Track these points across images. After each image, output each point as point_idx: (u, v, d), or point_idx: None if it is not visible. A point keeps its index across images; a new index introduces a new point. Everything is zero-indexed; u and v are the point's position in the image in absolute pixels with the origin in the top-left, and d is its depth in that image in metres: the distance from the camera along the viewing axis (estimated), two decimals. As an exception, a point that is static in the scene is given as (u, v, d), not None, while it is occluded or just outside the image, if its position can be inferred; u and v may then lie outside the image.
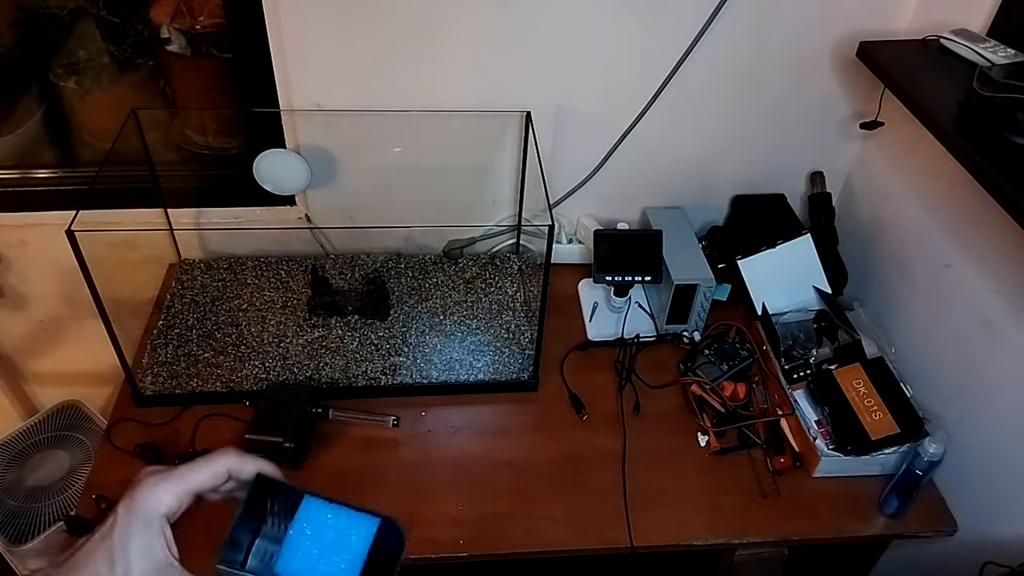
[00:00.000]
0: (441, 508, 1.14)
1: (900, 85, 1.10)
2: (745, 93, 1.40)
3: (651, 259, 1.35)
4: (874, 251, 1.45)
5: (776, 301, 1.35)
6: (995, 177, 0.93)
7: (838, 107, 1.43)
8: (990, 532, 1.15)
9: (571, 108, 1.38)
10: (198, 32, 1.34)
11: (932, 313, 1.29)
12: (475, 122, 1.39)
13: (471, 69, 1.32)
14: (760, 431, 1.26)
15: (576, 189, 1.51)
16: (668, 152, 1.47)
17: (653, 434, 1.27)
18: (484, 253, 1.58)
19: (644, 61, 1.33)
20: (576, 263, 1.58)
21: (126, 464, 1.16)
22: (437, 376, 1.32)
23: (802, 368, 1.27)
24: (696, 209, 1.53)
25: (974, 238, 1.19)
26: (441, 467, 1.20)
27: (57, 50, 1.42)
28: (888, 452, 1.19)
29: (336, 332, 1.38)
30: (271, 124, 1.37)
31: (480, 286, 1.50)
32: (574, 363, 1.38)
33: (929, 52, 1.17)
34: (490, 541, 1.11)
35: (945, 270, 1.25)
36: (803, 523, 1.16)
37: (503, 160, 1.46)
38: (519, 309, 1.46)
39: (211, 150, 1.51)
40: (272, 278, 1.48)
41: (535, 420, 1.28)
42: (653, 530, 1.14)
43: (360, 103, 1.34)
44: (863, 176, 1.49)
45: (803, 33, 1.32)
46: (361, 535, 0.53)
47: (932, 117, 1.03)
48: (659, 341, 1.42)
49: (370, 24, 1.25)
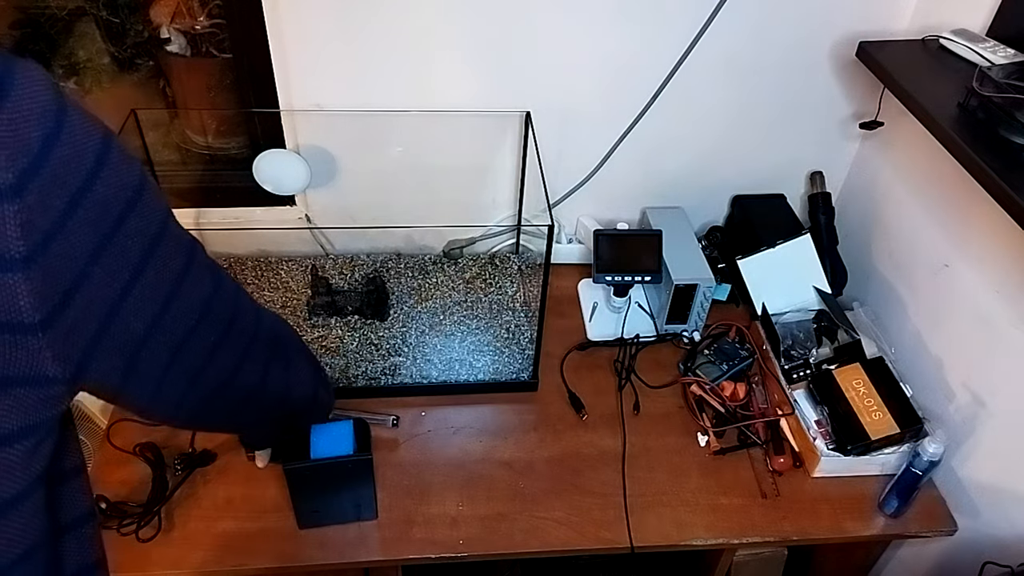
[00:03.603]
0: (441, 508, 1.14)
1: (900, 85, 1.10)
2: (745, 93, 1.40)
3: (651, 259, 1.35)
4: (874, 251, 1.45)
5: (776, 301, 1.35)
6: (994, 177, 0.93)
7: (838, 107, 1.44)
8: (990, 532, 1.15)
9: (571, 108, 1.38)
10: (198, 32, 1.34)
11: (932, 313, 1.29)
12: (475, 122, 1.39)
13: (471, 69, 1.32)
14: (760, 431, 1.26)
15: (576, 189, 1.51)
16: (668, 152, 1.47)
17: (653, 434, 1.27)
18: (484, 253, 1.58)
19: (644, 61, 1.33)
20: (576, 263, 1.58)
21: (126, 464, 1.16)
22: (437, 376, 1.32)
23: (802, 368, 1.27)
24: (696, 209, 1.54)
25: (973, 238, 1.19)
26: (441, 467, 1.20)
27: (57, 50, 1.42)
28: (888, 452, 1.19)
29: (336, 332, 1.38)
30: (271, 124, 1.37)
31: (480, 286, 1.50)
32: (574, 363, 1.38)
33: (929, 52, 1.17)
34: (490, 541, 1.11)
35: (944, 270, 1.25)
36: (803, 523, 1.16)
37: (503, 160, 1.46)
38: (519, 309, 1.46)
39: (211, 150, 1.51)
40: (272, 278, 1.48)
41: (535, 420, 1.28)
42: (653, 530, 1.14)
43: (360, 103, 1.34)
44: (863, 176, 1.49)
45: (803, 33, 1.32)
46: (347, 426, 1.02)
47: (932, 117, 1.03)
48: (659, 341, 1.42)
49: (370, 24, 1.25)
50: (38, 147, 0.43)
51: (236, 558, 1.07)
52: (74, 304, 0.47)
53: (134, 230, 0.51)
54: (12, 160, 0.42)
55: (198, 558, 1.07)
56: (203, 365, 0.62)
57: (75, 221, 0.46)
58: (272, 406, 0.77)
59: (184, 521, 1.11)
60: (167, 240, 0.54)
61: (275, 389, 0.74)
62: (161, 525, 1.09)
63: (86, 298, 0.48)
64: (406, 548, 1.10)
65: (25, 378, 0.46)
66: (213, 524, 1.11)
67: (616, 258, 1.35)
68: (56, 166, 0.44)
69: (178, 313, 0.57)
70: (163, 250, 0.54)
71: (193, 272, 0.58)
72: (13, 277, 0.43)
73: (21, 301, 0.44)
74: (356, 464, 1.02)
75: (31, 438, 0.48)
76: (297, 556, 1.08)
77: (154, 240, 0.53)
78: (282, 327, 0.77)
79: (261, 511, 1.12)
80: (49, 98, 0.44)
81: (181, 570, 1.06)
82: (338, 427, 1.02)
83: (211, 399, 0.66)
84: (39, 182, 0.43)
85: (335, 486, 1.05)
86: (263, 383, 0.71)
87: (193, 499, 1.13)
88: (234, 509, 1.12)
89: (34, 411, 0.47)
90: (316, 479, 1.02)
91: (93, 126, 0.47)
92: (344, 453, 1.00)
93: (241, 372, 0.67)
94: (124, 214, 0.49)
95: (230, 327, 0.64)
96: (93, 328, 0.50)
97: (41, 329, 0.45)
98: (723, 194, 1.57)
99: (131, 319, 0.52)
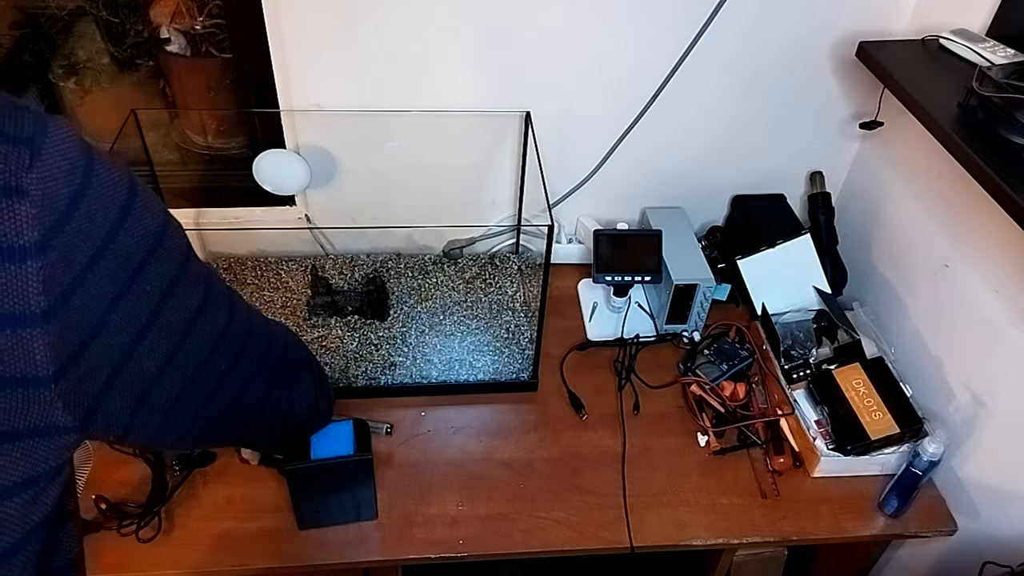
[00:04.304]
0: (441, 508, 1.14)
1: (899, 85, 1.10)
2: (745, 93, 1.40)
3: (651, 259, 1.35)
4: (874, 251, 1.45)
5: (776, 301, 1.35)
6: (994, 177, 0.93)
7: (838, 107, 1.44)
8: (990, 532, 1.15)
9: (571, 108, 1.38)
10: (198, 32, 1.34)
11: (932, 313, 1.29)
12: (475, 122, 1.39)
13: (471, 69, 1.32)
14: (760, 431, 1.26)
15: (576, 189, 1.51)
16: (668, 152, 1.47)
17: (653, 434, 1.27)
18: (484, 253, 1.58)
19: (644, 61, 1.33)
20: (576, 263, 1.58)
21: (126, 464, 1.16)
22: (437, 376, 1.32)
23: (802, 368, 1.27)
24: (696, 209, 1.54)
25: (973, 238, 1.19)
26: (441, 467, 1.20)
27: (57, 50, 1.42)
28: (888, 452, 1.19)
29: (336, 332, 1.38)
30: (271, 124, 1.37)
31: (480, 286, 1.50)
32: (574, 363, 1.38)
33: (928, 52, 1.17)
34: (490, 541, 1.11)
35: (944, 270, 1.25)
36: (803, 523, 1.16)
37: (503, 160, 1.46)
38: (519, 309, 1.46)
39: (211, 150, 1.51)
40: (272, 278, 1.48)
41: (535, 420, 1.28)
42: (653, 530, 1.14)
43: (360, 103, 1.34)
44: (863, 176, 1.49)
45: (803, 33, 1.32)
46: (347, 426, 1.03)
47: (931, 117, 1.03)
48: (659, 341, 1.42)
49: (370, 24, 1.25)
50: (65, 204, 0.43)
51: (236, 558, 1.07)
52: (89, 352, 0.47)
53: (153, 275, 0.50)
54: (39, 218, 0.42)
55: (198, 558, 1.07)
56: (212, 392, 0.61)
57: (96, 273, 0.46)
58: (275, 423, 0.77)
59: (184, 521, 1.11)
60: (185, 280, 0.54)
61: (278, 407, 0.74)
62: (161, 525, 1.09)
63: (101, 345, 0.48)
64: (406, 548, 1.10)
65: (35, 429, 0.45)
66: (213, 524, 1.11)
67: (616, 258, 1.35)
68: (82, 221, 0.44)
69: (192, 348, 0.56)
70: (181, 290, 0.54)
71: (209, 307, 0.58)
72: (32, 332, 0.43)
73: (37, 355, 0.44)
74: (356, 464, 1.02)
75: (31, 489, 0.47)
76: (297, 556, 1.08)
77: (172, 282, 0.53)
78: (288, 342, 0.75)
79: (261, 511, 1.12)
80: (78, 154, 0.44)
81: (181, 570, 1.06)
82: (338, 427, 1.02)
83: (219, 423, 0.65)
84: (64, 238, 0.43)
85: (335, 486, 1.05)
86: (267, 402, 0.71)
87: (193, 499, 1.13)
88: (234, 509, 1.12)
89: (41, 461, 0.47)
90: (316, 479, 1.02)
91: (120, 177, 0.47)
92: (344, 453, 1.00)
93: (247, 393, 0.67)
94: (145, 261, 0.49)
95: (242, 354, 0.64)
96: (106, 373, 0.49)
97: (54, 380, 0.45)
98: (723, 194, 1.57)
99: (145, 360, 0.52)
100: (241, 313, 0.63)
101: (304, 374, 0.79)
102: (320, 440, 1.00)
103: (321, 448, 1.00)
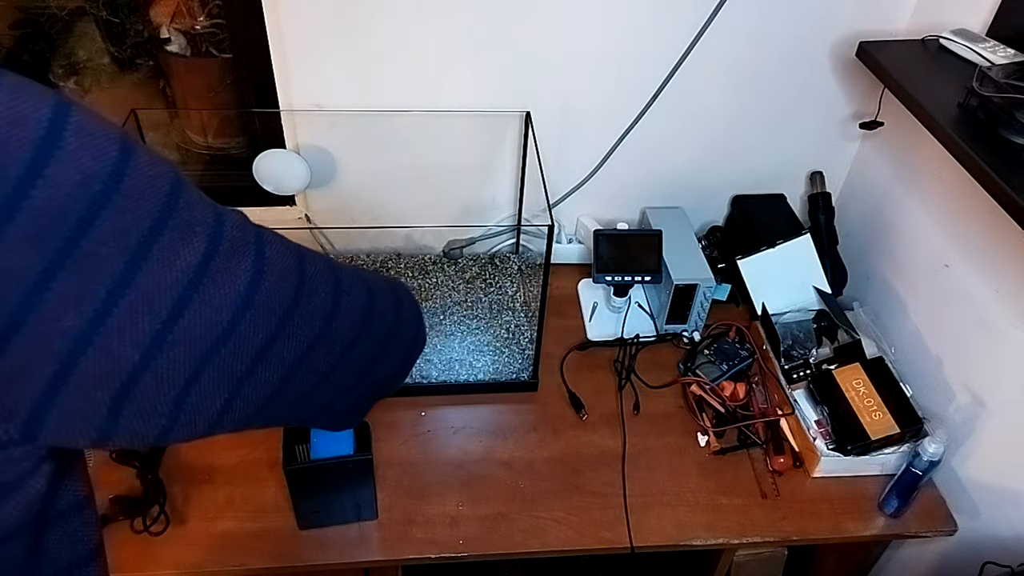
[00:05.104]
0: (441, 508, 1.14)
1: (900, 85, 1.10)
2: (745, 93, 1.40)
3: (651, 259, 1.35)
4: (874, 251, 1.45)
5: (776, 301, 1.35)
6: (994, 177, 0.93)
7: (838, 107, 1.44)
8: (990, 532, 1.15)
9: (571, 108, 1.38)
10: (198, 32, 1.34)
11: (932, 313, 1.29)
12: (475, 122, 1.39)
13: (471, 69, 1.32)
14: (760, 431, 1.26)
15: (576, 189, 1.51)
16: (668, 152, 1.47)
17: (653, 434, 1.27)
18: (484, 253, 1.58)
19: (644, 61, 1.33)
20: (576, 263, 1.58)
21: (126, 464, 1.16)
22: (437, 376, 1.32)
23: (802, 368, 1.27)
24: (696, 209, 1.54)
25: (973, 238, 1.19)
26: (441, 467, 1.20)
27: (57, 50, 1.42)
28: (888, 452, 1.19)
29: (336, 332, 1.38)
30: (271, 124, 1.37)
31: (480, 286, 1.50)
32: (574, 363, 1.38)
33: (928, 52, 1.17)
34: (490, 541, 1.11)
35: (944, 270, 1.25)
36: (803, 523, 1.16)
37: (503, 160, 1.46)
38: (519, 309, 1.46)
39: (211, 150, 1.51)
40: (272, 278, 1.48)
41: (535, 420, 1.28)
42: (653, 530, 1.14)
43: (360, 103, 1.34)
44: (863, 176, 1.49)
45: (803, 33, 1.32)
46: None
47: (931, 117, 1.03)
48: (659, 341, 1.42)
49: (370, 24, 1.25)
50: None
51: (236, 558, 1.07)
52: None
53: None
54: None
55: (198, 558, 1.07)
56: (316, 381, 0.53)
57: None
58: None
59: (184, 521, 1.11)
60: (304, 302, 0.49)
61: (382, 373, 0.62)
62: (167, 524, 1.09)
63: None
64: (406, 548, 1.10)
65: None
66: (213, 524, 1.11)
67: (616, 258, 1.35)
68: None
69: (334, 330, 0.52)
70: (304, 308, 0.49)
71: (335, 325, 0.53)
72: None
73: None
74: (356, 464, 1.02)
75: None
76: (297, 556, 1.08)
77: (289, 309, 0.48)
78: (403, 303, 0.63)
79: (261, 511, 1.12)
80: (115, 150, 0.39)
81: (181, 570, 1.06)
82: None
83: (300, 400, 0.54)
84: None
85: (335, 486, 1.05)
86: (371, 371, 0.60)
87: (193, 499, 1.13)
88: (234, 509, 1.12)
89: None
90: (316, 479, 1.02)
91: (161, 169, 0.41)
92: (344, 453, 1.00)
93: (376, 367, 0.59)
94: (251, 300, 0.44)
95: (362, 332, 0.56)
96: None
97: None
98: (723, 194, 1.57)
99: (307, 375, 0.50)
100: (374, 290, 0.57)
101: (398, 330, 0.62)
102: (320, 440, 1.01)
103: (321, 448, 1.00)
